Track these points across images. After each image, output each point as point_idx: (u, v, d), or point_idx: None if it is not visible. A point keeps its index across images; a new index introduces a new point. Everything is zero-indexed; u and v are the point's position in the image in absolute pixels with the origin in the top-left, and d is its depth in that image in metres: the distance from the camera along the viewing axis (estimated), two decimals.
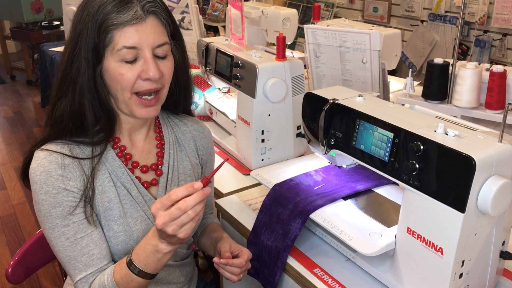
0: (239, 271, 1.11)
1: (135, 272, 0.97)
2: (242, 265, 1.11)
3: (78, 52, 1.00)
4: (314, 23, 2.10)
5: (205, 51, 1.76)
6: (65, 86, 1.02)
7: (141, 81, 1.01)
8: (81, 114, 1.02)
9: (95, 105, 1.02)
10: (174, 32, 1.07)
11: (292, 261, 1.16)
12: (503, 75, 1.59)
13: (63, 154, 1.01)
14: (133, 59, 0.99)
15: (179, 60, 1.10)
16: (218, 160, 1.59)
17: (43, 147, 1.02)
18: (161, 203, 0.89)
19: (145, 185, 1.11)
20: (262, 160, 1.57)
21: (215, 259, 1.11)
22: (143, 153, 1.14)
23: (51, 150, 1.01)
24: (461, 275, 0.93)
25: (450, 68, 1.68)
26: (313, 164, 1.35)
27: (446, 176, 0.88)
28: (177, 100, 1.18)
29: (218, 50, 1.67)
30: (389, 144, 0.99)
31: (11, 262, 1.34)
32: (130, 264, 0.98)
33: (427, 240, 0.93)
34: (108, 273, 1.00)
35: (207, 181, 0.92)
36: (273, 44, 2.42)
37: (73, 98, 1.02)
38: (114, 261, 1.06)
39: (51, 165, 1.00)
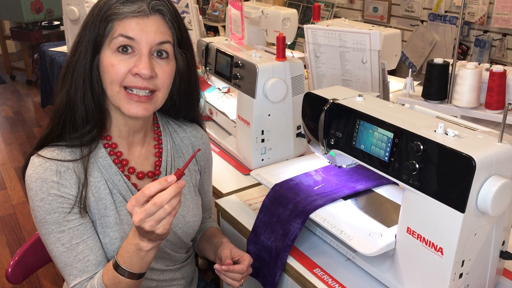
0: (241, 277, 1.11)
1: (121, 273, 0.96)
2: (244, 270, 1.11)
3: (81, 41, 1.01)
4: (314, 23, 2.10)
5: (205, 51, 1.76)
6: (67, 75, 1.03)
7: (131, 76, 0.99)
8: (75, 104, 1.02)
9: (87, 96, 1.01)
10: (181, 40, 1.05)
11: (292, 261, 1.16)
12: (503, 75, 1.59)
13: (58, 160, 1.01)
14: (127, 44, 0.98)
15: (182, 69, 1.08)
16: (216, 163, 1.59)
17: (40, 152, 1.02)
18: (135, 200, 0.87)
19: None
20: (262, 160, 1.57)
21: (216, 266, 1.11)
22: (140, 158, 1.13)
23: (46, 157, 1.01)
24: (461, 275, 0.93)
25: (450, 68, 1.68)
26: (313, 164, 1.35)
27: (446, 176, 0.88)
28: (179, 109, 1.17)
29: (218, 50, 1.67)
30: (389, 144, 0.99)
31: (11, 262, 1.34)
32: (116, 266, 0.97)
33: (427, 240, 0.93)
34: (98, 276, 1.00)
35: (181, 173, 0.90)
36: (273, 44, 2.42)
37: (70, 87, 1.02)
38: None
39: (46, 172, 0.99)
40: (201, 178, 1.26)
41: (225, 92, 1.96)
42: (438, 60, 1.69)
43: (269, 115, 1.53)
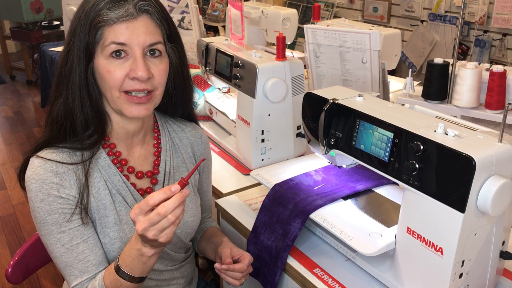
0: (241, 276, 1.11)
1: (122, 276, 0.96)
2: (244, 269, 1.10)
3: (71, 50, 1.00)
4: (314, 23, 2.10)
5: (205, 51, 1.76)
6: (61, 84, 1.02)
7: (129, 80, 0.99)
8: (74, 112, 1.02)
9: (85, 103, 1.01)
10: (171, 34, 1.05)
11: (292, 261, 1.16)
12: (503, 75, 1.59)
13: (58, 162, 1.01)
14: (120, 49, 0.97)
15: (175, 63, 1.08)
16: (216, 163, 1.59)
17: (39, 154, 1.02)
18: (139, 209, 0.88)
19: (140, 192, 1.11)
20: (262, 160, 1.57)
21: (216, 265, 1.11)
22: (139, 159, 1.13)
23: (46, 158, 1.01)
24: (461, 275, 0.93)
25: (450, 68, 1.68)
26: (313, 164, 1.35)
27: (446, 176, 0.88)
28: (176, 103, 1.17)
29: (218, 50, 1.67)
30: (389, 144, 0.99)
31: (11, 262, 1.34)
32: (117, 269, 0.97)
33: (427, 240, 0.93)
34: (99, 278, 1.00)
35: (185, 183, 0.90)
36: (273, 44, 2.42)
37: (67, 96, 1.01)
38: None
39: (46, 174, 0.99)
40: (200, 178, 1.26)
41: (225, 92, 1.96)
42: (438, 60, 1.69)
43: (269, 115, 1.53)
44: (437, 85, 1.71)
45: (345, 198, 1.19)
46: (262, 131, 1.54)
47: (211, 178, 1.33)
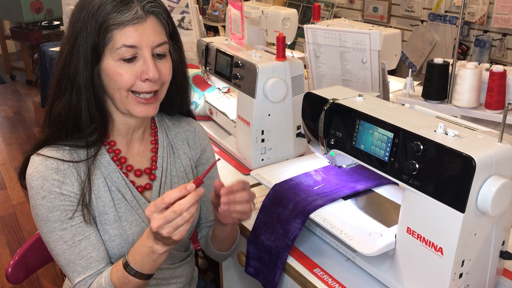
0: (249, 206, 1.05)
1: (131, 273, 0.98)
2: (246, 196, 1.04)
3: (76, 51, 0.99)
4: (314, 23, 2.10)
5: (205, 51, 1.76)
6: (63, 85, 1.02)
7: (140, 82, 1.00)
8: (78, 113, 1.02)
9: (91, 105, 1.02)
10: (172, 33, 1.07)
11: (292, 261, 1.16)
12: (503, 75, 1.59)
13: (59, 159, 1.01)
14: (131, 57, 0.98)
15: (176, 60, 1.10)
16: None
17: (39, 152, 1.02)
18: (155, 206, 0.90)
19: (139, 189, 1.11)
20: (262, 160, 1.57)
21: (221, 206, 1.02)
22: (138, 156, 1.14)
23: (47, 156, 1.01)
24: (461, 275, 0.93)
25: (450, 68, 1.68)
26: (313, 164, 1.35)
27: (446, 176, 0.88)
28: (173, 101, 1.17)
29: (218, 50, 1.68)
30: (389, 144, 0.99)
31: (11, 262, 1.34)
32: (126, 265, 0.98)
33: (427, 240, 0.93)
34: (106, 275, 1.01)
35: (200, 181, 0.92)
36: (273, 44, 2.42)
37: (71, 97, 1.01)
38: (111, 263, 1.06)
39: (47, 171, 1.00)
40: (197, 172, 1.24)
41: (225, 92, 1.96)
42: (438, 60, 1.69)
43: (269, 115, 1.53)
44: (437, 85, 1.71)
45: (345, 198, 1.19)
46: (262, 131, 1.54)
47: (218, 175, 1.30)
